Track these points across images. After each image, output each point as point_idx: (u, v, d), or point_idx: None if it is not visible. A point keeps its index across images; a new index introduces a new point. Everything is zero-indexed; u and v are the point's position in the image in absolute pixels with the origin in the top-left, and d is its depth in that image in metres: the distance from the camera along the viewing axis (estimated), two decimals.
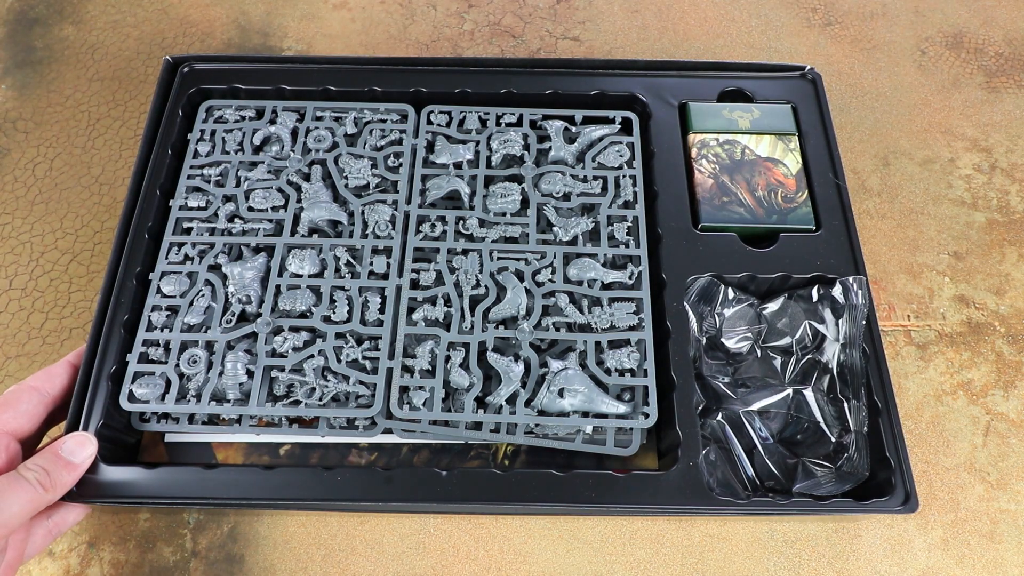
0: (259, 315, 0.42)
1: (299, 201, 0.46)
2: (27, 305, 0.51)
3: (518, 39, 0.62)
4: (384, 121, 0.49)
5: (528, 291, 0.43)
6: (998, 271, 0.51)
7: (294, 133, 0.49)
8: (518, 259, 0.44)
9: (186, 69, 0.51)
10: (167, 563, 0.42)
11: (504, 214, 0.45)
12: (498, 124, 0.49)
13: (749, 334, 0.44)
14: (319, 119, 0.49)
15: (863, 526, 0.43)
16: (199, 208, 0.46)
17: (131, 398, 0.40)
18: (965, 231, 0.52)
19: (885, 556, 0.42)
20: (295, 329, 0.42)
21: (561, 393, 0.40)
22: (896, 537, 0.43)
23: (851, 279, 0.43)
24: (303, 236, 0.45)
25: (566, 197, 0.46)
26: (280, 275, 0.43)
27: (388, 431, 0.40)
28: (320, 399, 0.40)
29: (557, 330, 0.42)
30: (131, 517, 0.43)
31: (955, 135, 0.56)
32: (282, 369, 0.41)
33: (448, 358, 0.41)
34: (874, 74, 0.59)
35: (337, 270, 0.43)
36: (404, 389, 0.40)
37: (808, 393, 0.41)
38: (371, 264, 0.43)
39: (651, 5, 0.64)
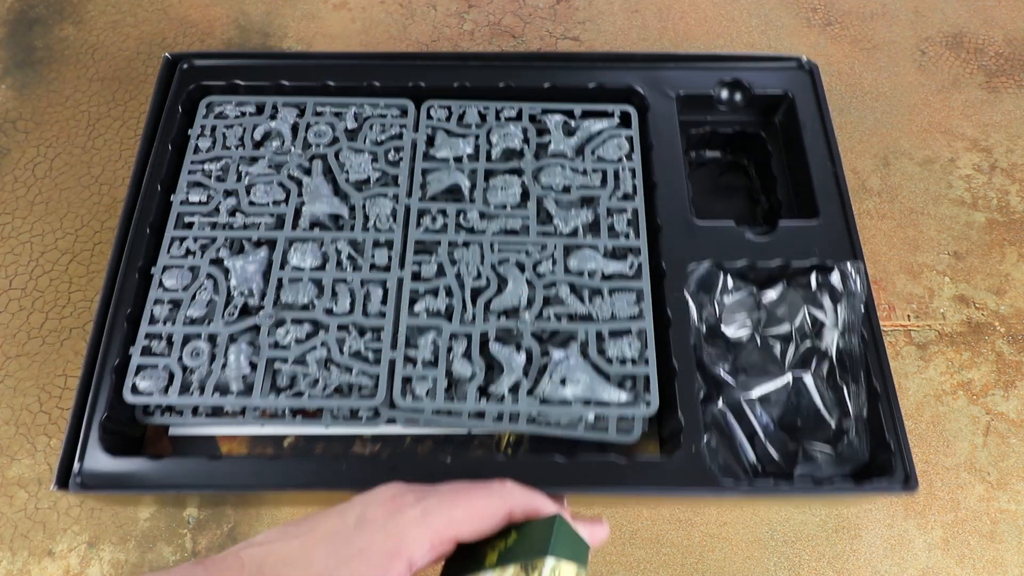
0: (261, 308, 0.42)
1: (300, 195, 0.46)
2: (27, 305, 0.51)
3: (518, 39, 0.62)
4: (384, 116, 0.49)
5: (529, 282, 0.43)
6: (998, 271, 0.51)
7: (294, 128, 0.49)
8: (519, 251, 0.44)
9: (185, 66, 0.51)
10: (167, 563, 0.42)
11: (504, 207, 0.46)
12: (497, 118, 0.49)
13: (748, 321, 0.44)
14: (319, 114, 0.49)
15: (863, 526, 0.43)
16: (200, 203, 0.46)
17: (134, 391, 0.40)
18: (965, 231, 0.52)
19: (885, 556, 0.42)
20: (297, 321, 0.42)
21: (563, 382, 0.40)
22: (896, 537, 0.43)
23: (848, 265, 0.43)
24: (304, 230, 0.45)
25: (566, 190, 0.46)
26: (282, 268, 0.43)
27: (391, 421, 0.41)
28: (323, 390, 0.40)
29: (558, 320, 0.42)
30: (131, 517, 0.43)
31: (955, 135, 0.56)
32: (285, 361, 0.41)
33: (450, 348, 0.41)
34: (874, 74, 0.59)
35: (339, 263, 0.44)
36: (407, 379, 0.40)
37: (808, 379, 0.42)
38: (372, 257, 0.44)
39: (651, 5, 0.64)
